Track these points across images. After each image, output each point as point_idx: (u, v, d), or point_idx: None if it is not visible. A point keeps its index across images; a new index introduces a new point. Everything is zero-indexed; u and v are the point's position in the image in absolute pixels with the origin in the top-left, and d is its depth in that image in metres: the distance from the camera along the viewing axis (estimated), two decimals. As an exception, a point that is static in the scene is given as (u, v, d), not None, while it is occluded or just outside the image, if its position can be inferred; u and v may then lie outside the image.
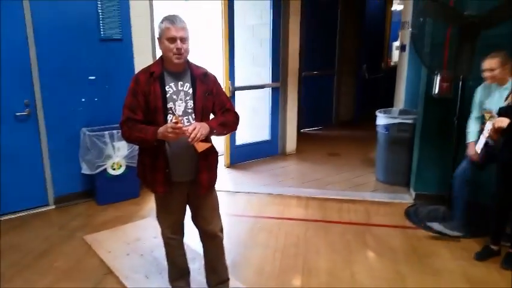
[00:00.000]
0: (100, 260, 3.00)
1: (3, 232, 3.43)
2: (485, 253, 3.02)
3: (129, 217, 3.75)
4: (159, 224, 2.39)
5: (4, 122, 3.56)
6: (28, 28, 3.55)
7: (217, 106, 2.21)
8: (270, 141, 5.62)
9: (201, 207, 2.29)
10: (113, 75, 4.04)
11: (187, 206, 2.33)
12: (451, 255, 3.08)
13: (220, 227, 2.37)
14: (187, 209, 2.35)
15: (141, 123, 2.06)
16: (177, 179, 2.16)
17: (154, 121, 2.05)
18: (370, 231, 3.47)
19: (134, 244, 3.23)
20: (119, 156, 3.93)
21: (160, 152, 2.09)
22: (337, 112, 7.71)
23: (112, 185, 3.98)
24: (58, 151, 3.87)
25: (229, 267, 2.52)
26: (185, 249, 2.50)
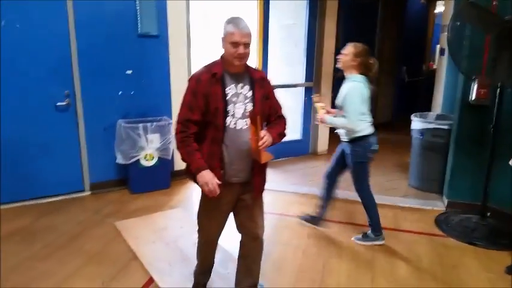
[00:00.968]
0: (127, 246, 3.13)
1: (42, 214, 3.65)
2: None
3: (159, 206, 3.87)
4: (201, 225, 2.31)
5: (45, 112, 3.78)
6: (70, 23, 3.74)
7: (272, 111, 2.21)
8: (302, 140, 5.62)
9: (252, 210, 2.26)
10: (149, 70, 4.18)
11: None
12: (480, 266, 2.97)
13: (263, 230, 2.35)
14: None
15: (198, 123, 2.03)
16: (230, 180, 2.12)
17: (213, 123, 2.02)
18: (396, 236, 3.40)
19: (161, 232, 3.34)
20: (152, 148, 4.07)
21: (216, 153, 2.06)
22: (374, 114, 7.54)
23: (144, 175, 4.12)
24: (95, 140, 4.06)
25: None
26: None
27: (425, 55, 8.07)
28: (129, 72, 4.08)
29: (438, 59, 5.52)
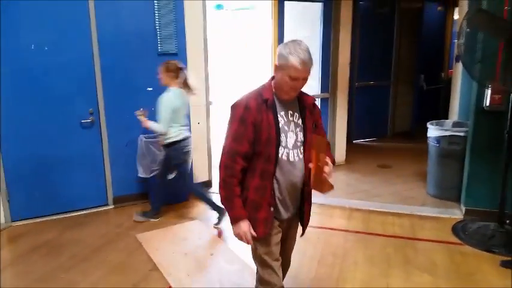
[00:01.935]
0: (148, 257, 3.25)
1: (67, 228, 3.82)
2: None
3: (178, 218, 4.00)
4: (263, 264, 2.01)
5: (71, 129, 3.99)
6: (94, 43, 3.96)
7: None
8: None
9: (290, 245, 2.19)
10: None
11: None
12: (497, 274, 2.95)
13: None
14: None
15: (247, 157, 1.86)
16: (280, 218, 1.98)
17: (263, 154, 1.84)
18: (413, 245, 3.40)
19: (180, 244, 3.46)
20: (171, 161, 4.21)
21: (267, 188, 1.88)
22: (392, 123, 7.56)
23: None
24: (118, 156, 4.23)
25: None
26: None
27: (443, 62, 8.00)
28: (150, 89, 4.25)
29: (454, 66, 5.49)
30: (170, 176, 3.88)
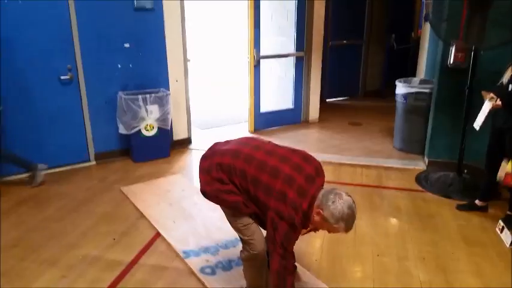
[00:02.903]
0: (135, 207, 3.43)
1: (51, 182, 3.92)
2: (467, 206, 3.36)
3: (161, 173, 4.16)
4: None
5: (51, 85, 4.00)
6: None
7: None
8: (293, 109, 5.86)
9: None
10: (145, 43, 4.37)
11: None
12: (453, 216, 3.31)
13: None
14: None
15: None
16: None
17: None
18: (379, 193, 3.72)
19: (164, 195, 3.64)
20: (151, 118, 4.32)
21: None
22: (364, 82, 7.81)
23: (146, 145, 4.39)
24: (97, 112, 4.29)
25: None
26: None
27: (413, 22, 8.19)
28: (127, 45, 4.27)
29: (423, 26, 5.71)
30: None
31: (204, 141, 4.97)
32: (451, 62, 3.79)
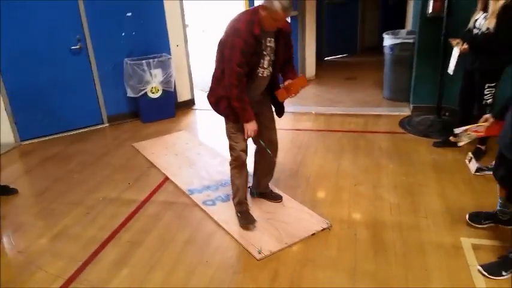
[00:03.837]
0: (145, 159, 3.89)
1: (70, 143, 4.40)
2: (442, 143, 3.71)
3: (168, 130, 4.59)
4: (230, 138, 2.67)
5: (63, 55, 4.40)
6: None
7: (287, 57, 2.57)
8: (291, 67, 6.16)
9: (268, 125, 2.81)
10: (146, 11, 4.70)
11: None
12: (429, 151, 3.67)
13: None
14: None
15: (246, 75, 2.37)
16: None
17: (249, 72, 2.39)
18: (364, 136, 4.09)
19: (171, 148, 4.08)
20: (156, 81, 4.71)
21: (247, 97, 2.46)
22: (362, 39, 8.00)
23: (152, 106, 4.81)
24: (107, 78, 4.70)
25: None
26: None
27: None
28: (129, 14, 4.61)
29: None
30: None
31: (207, 102, 5.33)
32: (430, 12, 4.04)
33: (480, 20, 3.22)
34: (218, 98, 2.59)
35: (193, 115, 5.14)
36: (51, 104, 4.47)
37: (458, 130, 2.75)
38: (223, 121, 2.70)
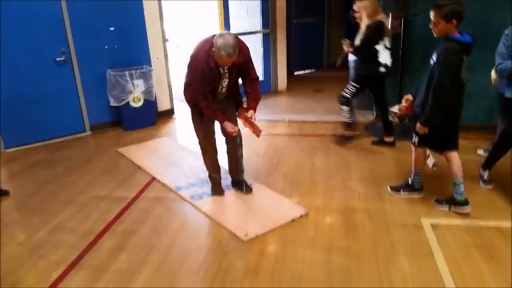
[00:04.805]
0: (131, 162, 4.11)
1: (54, 149, 4.55)
2: (378, 142, 4.28)
3: (150, 137, 4.83)
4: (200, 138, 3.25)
5: (48, 67, 4.60)
6: (61, -10, 4.49)
7: (246, 75, 3.02)
8: (263, 81, 6.56)
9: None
10: (128, 26, 4.98)
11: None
12: (390, 150, 4.12)
13: None
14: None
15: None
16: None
17: (213, 91, 2.91)
18: (333, 139, 4.49)
19: (155, 152, 4.33)
20: (138, 91, 4.96)
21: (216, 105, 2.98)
22: (328, 55, 8.56)
23: (134, 115, 5.04)
24: (90, 88, 4.91)
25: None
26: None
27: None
28: (112, 29, 4.88)
29: None
30: None
31: (186, 112, 5.62)
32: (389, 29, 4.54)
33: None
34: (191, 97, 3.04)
35: (173, 124, 5.41)
36: (35, 113, 4.62)
37: (392, 109, 3.39)
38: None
